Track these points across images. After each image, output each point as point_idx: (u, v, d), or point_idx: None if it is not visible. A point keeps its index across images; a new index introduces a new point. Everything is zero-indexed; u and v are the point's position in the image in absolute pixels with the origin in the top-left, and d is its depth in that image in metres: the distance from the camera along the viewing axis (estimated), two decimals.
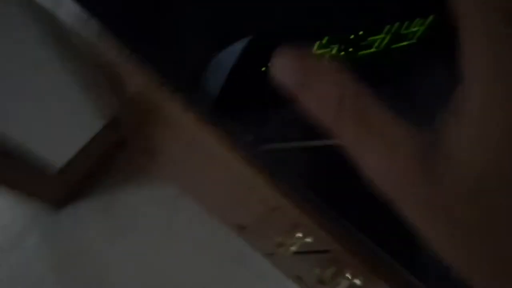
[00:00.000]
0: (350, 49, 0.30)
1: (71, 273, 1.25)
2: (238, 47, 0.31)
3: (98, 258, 1.26)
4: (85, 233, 1.29)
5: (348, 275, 0.54)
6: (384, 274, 0.40)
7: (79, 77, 0.91)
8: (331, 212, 0.37)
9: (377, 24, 0.29)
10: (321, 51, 0.29)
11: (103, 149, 1.24)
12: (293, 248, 0.60)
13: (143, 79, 0.38)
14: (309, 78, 0.16)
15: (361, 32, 0.29)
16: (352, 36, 0.29)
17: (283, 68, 0.17)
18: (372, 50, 0.31)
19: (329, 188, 0.38)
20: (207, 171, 0.80)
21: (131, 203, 1.31)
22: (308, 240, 0.55)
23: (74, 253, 1.27)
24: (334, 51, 0.30)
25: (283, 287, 1.15)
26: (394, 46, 0.32)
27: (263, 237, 0.90)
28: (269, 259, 1.17)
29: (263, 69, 0.30)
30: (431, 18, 0.30)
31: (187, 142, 0.71)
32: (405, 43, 0.32)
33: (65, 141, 1.10)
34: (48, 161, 1.08)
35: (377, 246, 0.37)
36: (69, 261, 1.26)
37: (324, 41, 0.29)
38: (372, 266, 0.41)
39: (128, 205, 1.31)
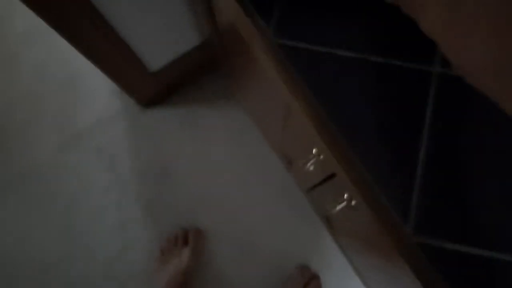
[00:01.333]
0: None
1: (141, 160, 1.45)
2: None
3: (166, 156, 1.45)
4: (161, 133, 1.47)
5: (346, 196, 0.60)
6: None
7: None
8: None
9: None
10: None
11: (193, 65, 1.38)
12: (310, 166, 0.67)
13: (235, 12, 0.46)
14: None
15: None
16: None
17: None
18: None
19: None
20: (268, 102, 0.89)
21: (206, 118, 1.47)
22: (321, 157, 0.61)
23: (148, 146, 1.46)
24: None
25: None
26: None
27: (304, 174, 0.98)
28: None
29: None
30: None
31: (261, 74, 0.80)
32: None
33: (163, 48, 1.24)
34: (146, 62, 1.23)
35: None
36: (142, 151, 1.46)
37: None
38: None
39: (201, 120, 1.47)
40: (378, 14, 0.41)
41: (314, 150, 0.59)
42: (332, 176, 0.65)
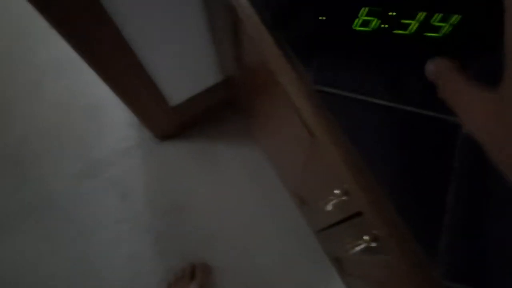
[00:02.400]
0: (386, 25, 0.39)
1: (155, 193, 1.47)
2: None
3: (179, 190, 1.46)
4: (176, 167, 1.49)
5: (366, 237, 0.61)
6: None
7: (214, 33, 1.07)
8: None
9: (410, 9, 0.38)
10: (363, 18, 0.39)
11: (213, 101, 1.42)
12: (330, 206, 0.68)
13: (263, 43, 0.49)
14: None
15: (394, 13, 0.38)
16: (390, 13, 0.38)
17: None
18: (405, 32, 0.40)
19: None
20: (290, 143, 0.91)
21: (221, 154, 1.49)
22: (343, 198, 0.62)
23: (162, 179, 1.48)
24: (373, 24, 0.39)
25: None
26: (426, 34, 0.40)
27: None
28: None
29: (321, 18, 0.40)
30: (455, 17, 0.38)
31: (285, 116, 0.83)
32: (434, 34, 0.40)
33: (186, 84, 1.27)
34: (167, 96, 1.27)
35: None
36: (156, 184, 1.48)
37: (365, 11, 0.38)
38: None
39: (218, 155, 1.49)
40: (411, 66, 0.43)
41: (336, 191, 0.60)
42: (353, 216, 0.66)
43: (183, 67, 1.18)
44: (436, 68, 0.31)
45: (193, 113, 1.43)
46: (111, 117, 1.56)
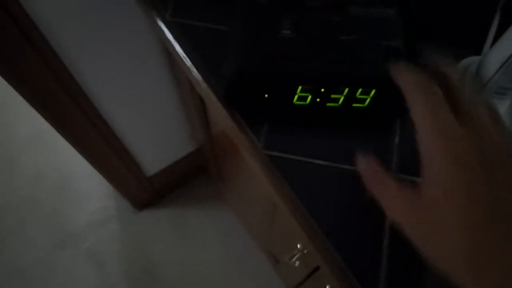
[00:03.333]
0: (318, 99, 0.47)
1: (131, 263, 1.47)
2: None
3: (155, 259, 1.47)
4: (152, 236, 1.51)
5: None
6: None
7: (184, 107, 1.15)
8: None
9: (338, 85, 0.45)
10: (299, 94, 0.46)
11: (187, 169, 1.47)
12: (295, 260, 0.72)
13: (227, 124, 0.53)
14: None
15: (324, 90, 0.45)
16: (322, 90, 0.46)
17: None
18: (336, 104, 0.48)
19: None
20: (255, 203, 0.97)
21: (196, 219, 1.52)
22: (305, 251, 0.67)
23: (138, 248, 1.49)
24: (308, 99, 0.47)
25: None
26: (354, 105, 0.48)
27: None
28: None
29: (266, 96, 0.47)
30: (373, 92, 0.45)
31: (249, 178, 0.89)
32: (359, 105, 0.47)
33: (161, 154, 1.33)
34: (143, 166, 1.32)
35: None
36: (132, 254, 1.49)
37: (301, 89, 0.45)
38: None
39: (193, 220, 1.52)
40: (346, 130, 0.50)
41: (298, 245, 0.65)
42: (315, 270, 0.70)
43: (158, 139, 1.24)
44: (364, 165, 0.35)
45: (169, 182, 1.48)
46: (87, 188, 1.59)
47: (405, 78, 0.32)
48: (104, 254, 1.48)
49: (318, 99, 0.46)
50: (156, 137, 1.23)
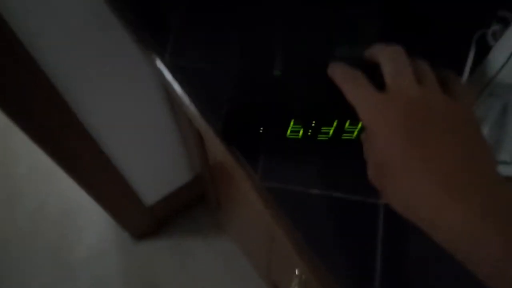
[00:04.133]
0: (310, 132, 0.50)
1: None
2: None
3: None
4: (152, 265, 1.52)
5: None
6: None
7: (182, 138, 1.18)
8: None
9: (328, 118, 0.48)
10: (292, 128, 0.49)
11: (186, 198, 1.49)
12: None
13: (224, 155, 0.56)
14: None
15: (314, 123, 0.48)
16: (313, 124, 0.49)
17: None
18: (326, 137, 0.51)
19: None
20: (254, 231, 0.99)
21: (197, 249, 1.53)
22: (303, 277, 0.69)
23: (139, 278, 1.50)
24: (301, 133, 0.50)
25: None
26: (343, 136, 0.51)
27: None
28: None
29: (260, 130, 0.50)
30: (360, 124, 0.48)
31: (247, 207, 0.91)
32: (348, 136, 0.50)
33: (159, 183, 1.35)
34: (142, 196, 1.34)
35: None
36: (133, 284, 1.49)
37: (293, 123, 0.48)
38: None
39: (193, 250, 1.53)
40: (338, 161, 0.53)
41: (296, 271, 0.66)
42: None
43: (157, 169, 1.27)
44: (336, 67, 0.39)
45: (168, 211, 1.50)
46: (87, 220, 1.60)
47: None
48: (105, 285, 1.49)
49: (309, 132, 0.49)
50: (155, 167, 1.25)
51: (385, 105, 0.34)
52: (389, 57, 0.37)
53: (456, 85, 0.36)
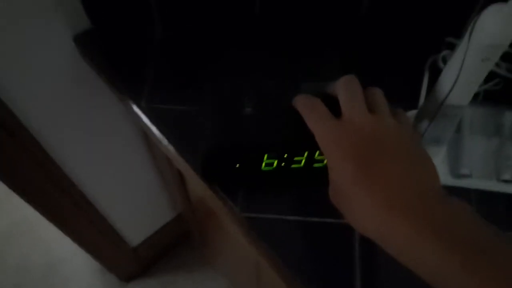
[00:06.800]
0: (283, 164, 0.52)
1: None
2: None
3: None
4: None
5: None
6: None
7: (161, 178, 1.19)
8: None
9: (299, 149, 0.51)
10: (266, 161, 0.52)
11: (171, 237, 1.49)
12: None
13: (201, 188, 0.57)
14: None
15: (286, 155, 0.51)
16: (285, 155, 0.52)
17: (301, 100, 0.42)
18: (299, 165, 0.53)
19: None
20: (240, 264, 0.99)
21: (185, 286, 1.51)
22: None
23: None
24: (275, 164, 0.52)
25: None
26: (315, 165, 0.54)
27: None
28: None
29: (236, 166, 0.53)
30: None
31: (230, 241, 0.92)
32: (319, 164, 0.53)
33: (143, 223, 1.35)
34: (126, 238, 1.33)
35: None
36: None
37: (267, 156, 0.51)
38: None
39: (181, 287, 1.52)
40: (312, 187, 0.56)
41: None
42: None
43: (140, 210, 1.27)
44: (305, 101, 0.42)
45: (153, 251, 1.49)
46: (73, 269, 1.58)
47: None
48: None
49: (283, 163, 0.51)
50: (137, 209, 1.25)
51: (338, 131, 0.37)
52: (343, 87, 0.40)
53: (401, 112, 0.41)
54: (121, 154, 1.01)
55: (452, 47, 0.66)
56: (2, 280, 1.56)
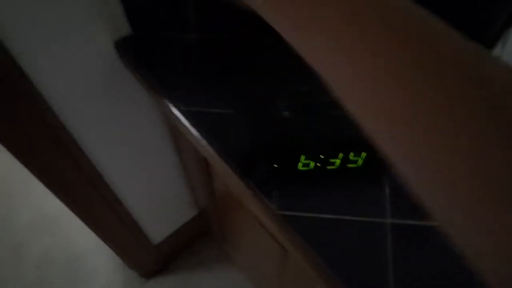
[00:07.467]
0: (319, 164, 0.55)
1: None
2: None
3: None
4: None
5: None
6: None
7: (186, 177, 1.23)
8: None
9: (334, 151, 0.54)
10: (303, 161, 0.55)
11: (192, 233, 1.52)
12: None
13: (241, 192, 0.61)
14: None
15: (323, 156, 0.54)
16: (321, 156, 0.55)
17: None
18: (334, 167, 0.56)
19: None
20: (263, 258, 1.02)
21: (204, 283, 1.55)
22: None
23: None
24: (311, 165, 0.55)
25: None
26: (349, 165, 0.56)
27: None
28: None
29: (275, 165, 0.56)
30: (363, 153, 0.54)
31: (255, 236, 0.95)
32: (353, 165, 0.56)
33: (166, 220, 1.39)
34: (149, 235, 1.37)
35: None
36: None
37: (304, 157, 0.54)
38: None
39: (201, 285, 1.55)
40: (351, 187, 0.59)
41: None
42: None
43: (164, 207, 1.30)
44: None
45: (175, 248, 1.52)
46: (94, 264, 1.61)
47: None
48: None
49: (319, 164, 0.54)
50: (161, 206, 1.29)
51: None
52: None
53: None
54: (149, 155, 1.05)
55: None
56: (25, 273, 1.61)
